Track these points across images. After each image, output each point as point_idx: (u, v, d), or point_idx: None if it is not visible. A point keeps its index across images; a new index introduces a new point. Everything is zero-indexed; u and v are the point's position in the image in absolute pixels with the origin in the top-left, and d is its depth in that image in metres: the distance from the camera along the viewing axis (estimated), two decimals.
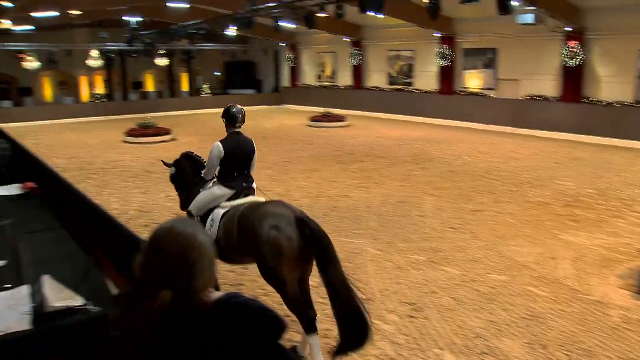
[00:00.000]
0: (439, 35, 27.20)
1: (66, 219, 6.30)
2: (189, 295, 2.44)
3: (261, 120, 28.56)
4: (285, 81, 38.09)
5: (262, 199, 6.61)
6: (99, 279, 4.53)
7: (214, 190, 6.74)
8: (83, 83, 37.23)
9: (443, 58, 27.47)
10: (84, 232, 5.71)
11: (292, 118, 30.62)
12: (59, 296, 3.87)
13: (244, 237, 5.93)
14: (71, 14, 27.11)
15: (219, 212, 6.47)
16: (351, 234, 10.36)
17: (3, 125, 16.87)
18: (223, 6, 26.61)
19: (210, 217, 6.54)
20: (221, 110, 7.06)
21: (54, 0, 24.12)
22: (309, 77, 36.44)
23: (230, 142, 6.70)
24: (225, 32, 29.44)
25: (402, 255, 9.24)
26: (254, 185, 6.88)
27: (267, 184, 13.58)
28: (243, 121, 6.82)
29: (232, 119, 6.78)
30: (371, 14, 18.64)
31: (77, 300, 3.84)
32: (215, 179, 6.96)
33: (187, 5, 26.68)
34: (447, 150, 19.62)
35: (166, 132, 22.88)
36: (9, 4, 22.97)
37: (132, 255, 2.53)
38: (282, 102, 37.47)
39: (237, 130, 6.79)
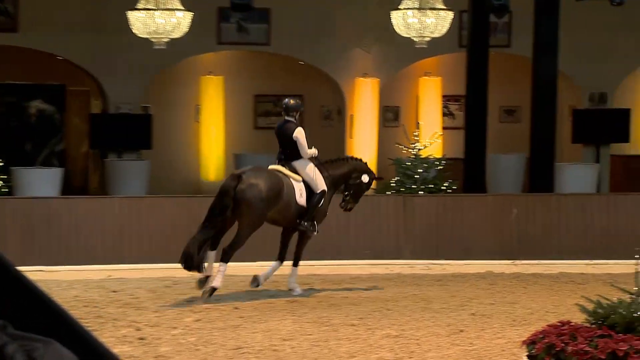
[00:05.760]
0: None
1: None
2: None
3: None
4: None
5: (280, 170, 9.11)
6: None
7: None
8: None
9: None
10: None
11: None
12: None
13: None
14: None
15: None
16: None
17: None
18: None
19: None
20: None
21: None
22: None
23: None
24: None
25: None
26: (295, 162, 9.10)
27: None
28: (287, 111, 9.23)
29: (284, 110, 9.37)
30: None
31: None
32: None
33: None
34: None
35: None
36: None
37: None
38: None
39: (287, 118, 9.24)
